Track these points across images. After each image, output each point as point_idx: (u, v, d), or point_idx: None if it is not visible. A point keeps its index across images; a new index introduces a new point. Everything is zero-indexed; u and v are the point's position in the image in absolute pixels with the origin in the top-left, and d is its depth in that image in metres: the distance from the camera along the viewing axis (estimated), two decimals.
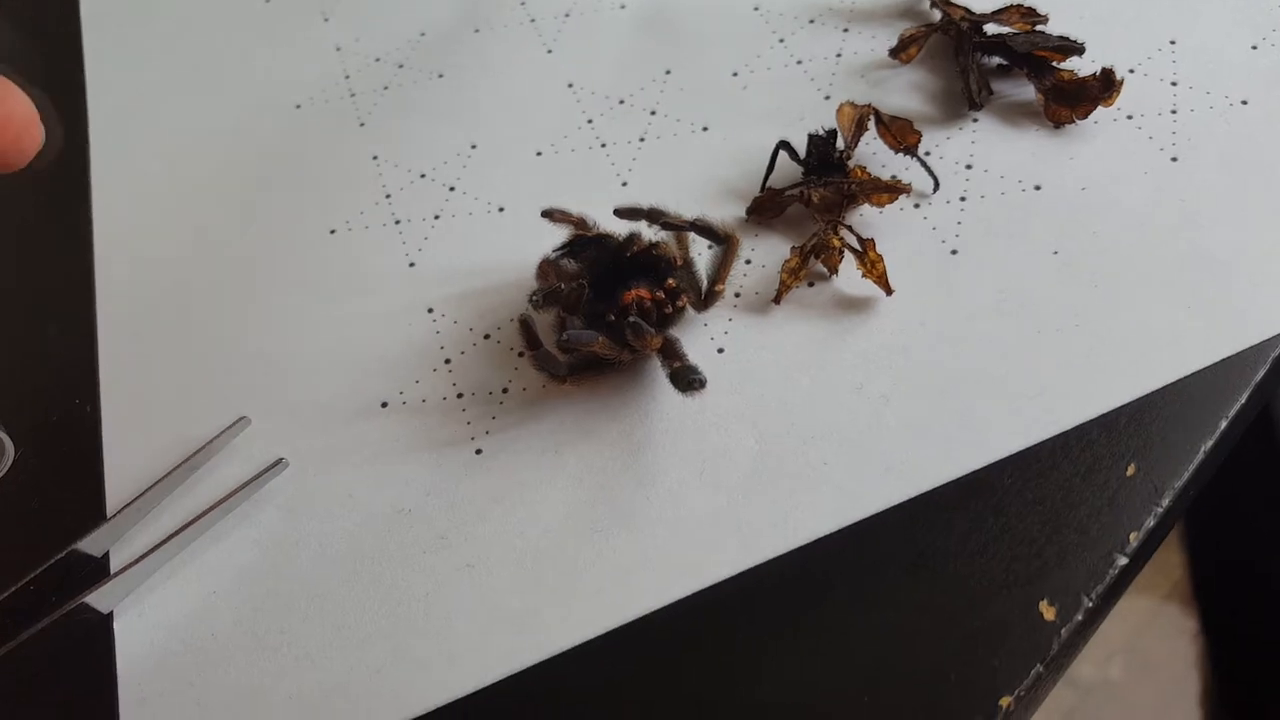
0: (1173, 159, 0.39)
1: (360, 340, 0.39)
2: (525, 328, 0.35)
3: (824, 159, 0.39)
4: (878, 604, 0.31)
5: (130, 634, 0.34)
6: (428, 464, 0.36)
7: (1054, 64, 0.41)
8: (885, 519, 0.33)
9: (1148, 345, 0.35)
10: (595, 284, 0.36)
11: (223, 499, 0.35)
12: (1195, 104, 0.40)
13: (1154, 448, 0.33)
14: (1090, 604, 0.30)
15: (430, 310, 0.40)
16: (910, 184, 0.39)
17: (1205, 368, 0.34)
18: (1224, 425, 0.33)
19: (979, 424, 0.34)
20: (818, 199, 0.39)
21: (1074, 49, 0.41)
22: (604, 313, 0.36)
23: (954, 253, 0.38)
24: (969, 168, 0.40)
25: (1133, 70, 0.42)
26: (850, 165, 0.39)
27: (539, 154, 0.44)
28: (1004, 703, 0.29)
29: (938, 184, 0.39)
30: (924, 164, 0.40)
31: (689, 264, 0.37)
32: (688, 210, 0.37)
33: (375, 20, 0.50)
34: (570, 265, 0.37)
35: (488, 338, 0.39)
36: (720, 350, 0.37)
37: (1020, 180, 0.39)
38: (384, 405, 0.38)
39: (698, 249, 0.38)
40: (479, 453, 0.36)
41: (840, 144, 0.40)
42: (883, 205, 0.39)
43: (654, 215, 0.37)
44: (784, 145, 0.40)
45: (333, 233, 0.43)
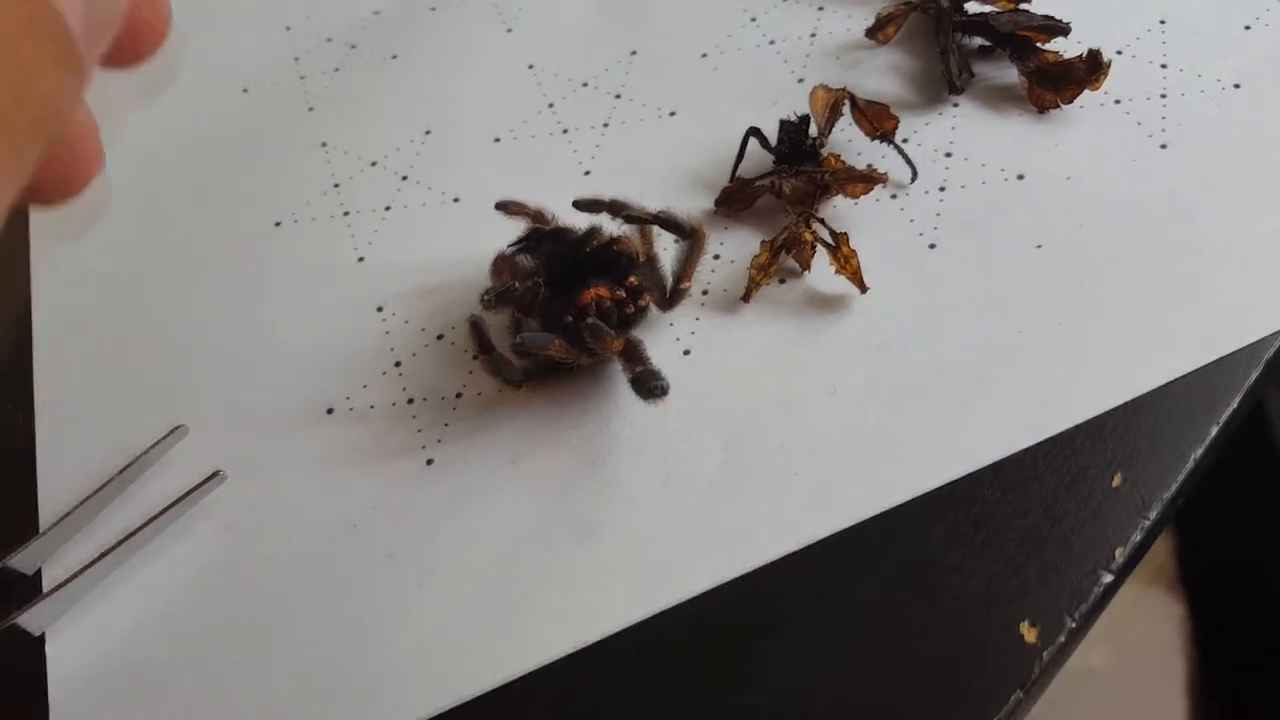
0: (1162, 146, 0.37)
1: (305, 341, 0.37)
2: (476, 330, 0.33)
3: (796, 146, 0.37)
4: (849, 624, 0.30)
5: (63, 657, 0.32)
6: (375, 475, 0.34)
7: (1038, 45, 0.39)
8: (858, 533, 0.31)
9: (1136, 346, 0.33)
10: (553, 282, 0.34)
11: (157, 514, 0.33)
12: (1186, 88, 0.38)
13: (1141, 456, 0.31)
14: (1073, 624, 0.29)
15: (380, 309, 0.38)
16: (887, 173, 0.37)
17: (1196, 370, 0.32)
18: (1215, 431, 0.32)
19: (958, 431, 0.32)
20: (790, 190, 0.37)
21: (1059, 29, 0.39)
22: (561, 313, 0.34)
23: (932, 246, 0.36)
24: (948, 155, 0.38)
25: (1120, 52, 0.40)
26: (824, 153, 0.37)
27: (497, 140, 0.42)
28: None
29: (915, 173, 0.37)
30: (901, 152, 0.37)
31: (653, 260, 0.35)
32: (652, 202, 0.35)
33: None
34: (526, 261, 0.35)
35: (440, 338, 0.37)
36: (686, 352, 0.35)
37: (1002, 169, 0.37)
38: (329, 411, 0.36)
39: (663, 244, 0.36)
40: (430, 463, 0.34)
41: (813, 130, 0.37)
42: (858, 196, 0.37)
43: (616, 208, 0.35)
44: (754, 132, 0.38)
45: (278, 225, 0.40)
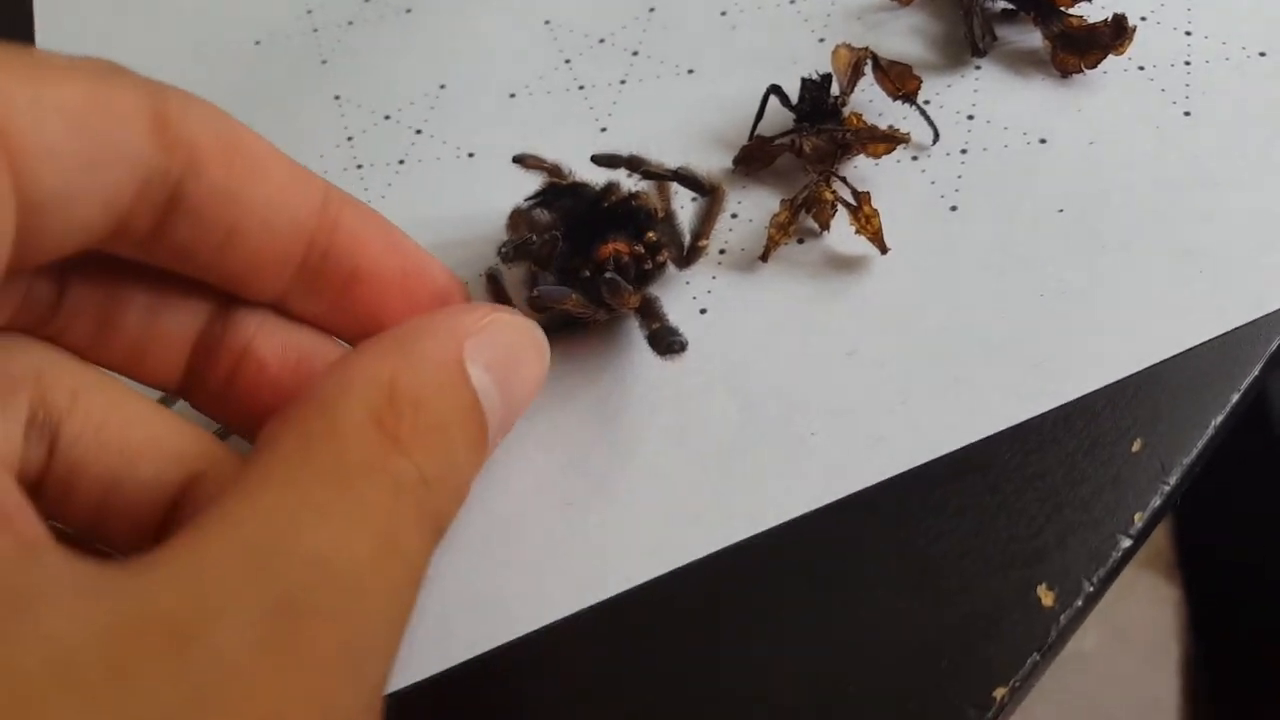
0: (1185, 113, 0.37)
1: None
2: (493, 283, 0.33)
3: (817, 105, 0.37)
4: (864, 586, 0.29)
5: None
6: None
7: (1063, 9, 0.38)
8: (874, 495, 0.31)
9: (1157, 311, 0.33)
10: (569, 237, 0.33)
11: None
12: (1210, 55, 0.38)
13: (1161, 422, 0.31)
14: (1091, 589, 0.29)
15: None
16: (909, 134, 0.36)
17: (1217, 336, 0.32)
18: (1235, 398, 0.31)
19: (976, 393, 0.32)
20: (810, 149, 0.36)
21: None
22: (578, 268, 0.33)
23: (953, 209, 0.36)
24: (970, 118, 0.38)
25: (1145, 18, 0.39)
26: (845, 113, 0.37)
27: (513, 96, 0.41)
28: (999, 694, 0.27)
29: (937, 135, 0.37)
30: (923, 113, 0.37)
31: (670, 217, 0.35)
32: (670, 159, 0.34)
33: None
34: (543, 216, 0.35)
35: None
36: (703, 311, 0.35)
37: (1025, 133, 0.37)
38: None
39: (680, 201, 0.36)
40: None
41: (835, 89, 0.37)
42: (879, 156, 0.37)
43: (634, 163, 0.34)
44: (775, 90, 0.37)
45: None
